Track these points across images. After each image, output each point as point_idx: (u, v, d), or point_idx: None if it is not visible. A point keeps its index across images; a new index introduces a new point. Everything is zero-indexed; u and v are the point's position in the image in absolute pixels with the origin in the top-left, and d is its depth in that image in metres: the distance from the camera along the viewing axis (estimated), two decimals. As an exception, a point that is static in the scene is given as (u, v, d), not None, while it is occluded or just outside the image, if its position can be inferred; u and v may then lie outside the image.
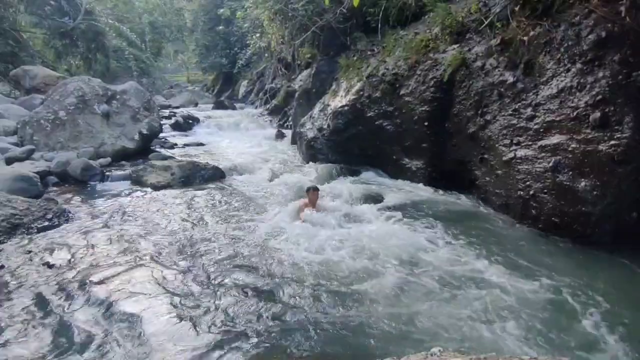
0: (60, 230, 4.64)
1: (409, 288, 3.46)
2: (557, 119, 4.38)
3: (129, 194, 6.18)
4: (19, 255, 3.99)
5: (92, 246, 4.27)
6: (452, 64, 5.71)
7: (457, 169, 5.99)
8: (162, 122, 10.24)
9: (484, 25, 5.46)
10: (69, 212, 5.14)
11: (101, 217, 5.12)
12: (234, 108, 16.20)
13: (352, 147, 7.53)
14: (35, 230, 4.55)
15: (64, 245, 4.28)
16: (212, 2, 20.96)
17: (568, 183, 4.25)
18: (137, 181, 6.64)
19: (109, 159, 7.67)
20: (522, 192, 4.74)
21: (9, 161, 6.78)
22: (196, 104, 18.40)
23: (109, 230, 4.68)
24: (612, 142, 3.93)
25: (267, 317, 3.08)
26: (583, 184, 4.13)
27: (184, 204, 5.74)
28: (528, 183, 4.66)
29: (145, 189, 6.39)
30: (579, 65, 4.20)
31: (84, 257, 4.00)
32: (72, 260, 3.93)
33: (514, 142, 4.86)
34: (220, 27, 20.06)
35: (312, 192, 5.20)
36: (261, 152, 9.43)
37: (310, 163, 7.92)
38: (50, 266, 3.77)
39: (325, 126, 7.84)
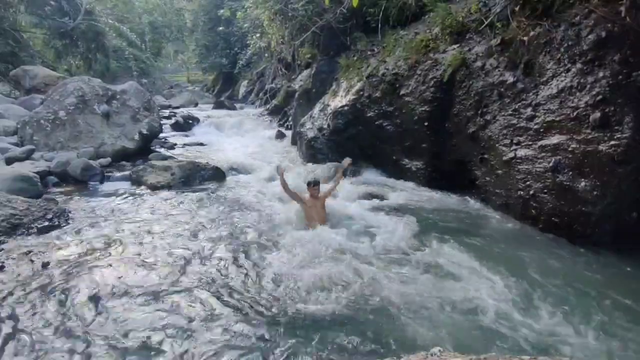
0: (60, 230, 4.64)
1: (407, 288, 3.46)
2: (557, 119, 4.38)
3: (129, 194, 6.18)
4: (19, 255, 3.99)
5: (92, 246, 4.26)
6: (452, 64, 5.71)
7: (457, 169, 5.99)
8: (162, 122, 10.24)
9: (484, 25, 5.46)
10: (69, 212, 5.14)
11: (101, 217, 5.12)
12: (234, 108, 16.20)
13: (352, 147, 7.53)
14: (35, 230, 4.55)
15: (64, 245, 4.28)
16: (212, 3, 20.98)
17: (568, 183, 4.25)
18: (137, 181, 6.64)
19: (109, 159, 7.67)
20: (522, 192, 4.74)
21: (9, 161, 6.77)
22: (196, 104, 18.42)
23: (109, 231, 4.68)
24: (612, 142, 3.93)
25: (265, 319, 3.07)
26: (583, 184, 4.13)
27: (184, 204, 5.73)
28: (528, 183, 4.66)
29: (145, 189, 6.38)
30: (579, 65, 4.20)
31: (84, 258, 3.99)
32: (72, 260, 3.93)
33: (514, 142, 4.86)
34: (221, 28, 20.06)
35: (312, 187, 5.05)
36: (261, 152, 9.43)
37: (310, 163, 7.91)
38: (49, 266, 3.77)
39: (325, 126, 7.84)
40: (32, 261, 3.86)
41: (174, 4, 27.93)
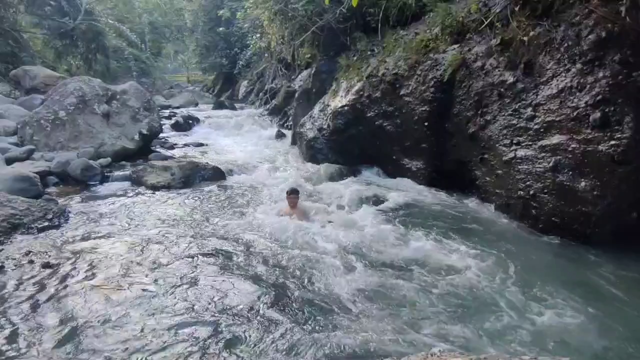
0: (60, 231, 4.64)
1: (406, 288, 3.46)
2: (557, 119, 4.38)
3: (129, 194, 6.18)
4: (19, 255, 3.99)
5: (92, 246, 4.26)
6: (452, 64, 5.70)
7: (457, 169, 5.99)
8: (162, 122, 10.24)
9: (484, 25, 5.45)
10: (69, 212, 5.14)
11: (101, 217, 5.12)
12: (234, 108, 16.18)
13: (352, 147, 7.53)
14: (35, 230, 4.55)
15: (64, 245, 4.28)
16: (212, 3, 20.95)
17: (568, 183, 4.25)
18: (137, 181, 6.64)
19: (109, 159, 7.66)
20: (522, 192, 4.74)
21: (9, 161, 6.77)
22: (196, 104, 18.39)
23: (109, 231, 4.68)
24: (612, 142, 3.93)
25: (263, 320, 3.07)
26: (583, 184, 4.13)
27: (183, 204, 5.73)
28: (528, 183, 4.66)
29: (145, 189, 6.38)
30: (579, 65, 4.20)
31: (84, 258, 3.99)
32: (72, 260, 3.93)
33: (514, 142, 4.86)
34: (221, 28, 20.04)
35: (289, 196, 5.10)
36: (261, 152, 9.43)
37: (310, 163, 7.91)
38: (49, 266, 3.77)
39: (325, 126, 7.84)
40: (32, 261, 3.86)
41: (174, 4, 27.92)
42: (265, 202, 5.77)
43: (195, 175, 6.82)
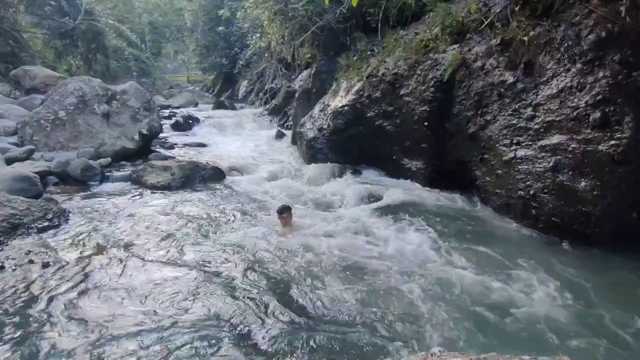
0: (60, 231, 4.64)
1: (405, 289, 3.46)
2: (557, 119, 4.38)
3: (129, 194, 6.18)
4: (19, 255, 3.99)
5: (92, 247, 4.27)
6: (452, 64, 5.70)
7: (457, 169, 5.99)
8: (162, 122, 10.23)
9: (484, 25, 5.45)
10: (69, 212, 5.14)
11: (101, 217, 5.12)
12: (234, 108, 16.19)
13: (352, 147, 7.53)
14: (35, 230, 4.55)
15: (64, 245, 4.28)
16: (212, 3, 20.96)
17: (568, 183, 4.25)
18: (137, 181, 6.64)
19: (109, 159, 7.67)
20: (522, 192, 4.74)
21: (9, 161, 6.76)
22: (196, 104, 18.39)
23: (109, 231, 4.68)
24: (612, 142, 3.93)
25: (262, 320, 3.07)
26: (583, 184, 4.13)
27: (183, 204, 5.73)
28: (528, 183, 4.66)
29: (145, 189, 6.38)
30: (579, 65, 4.20)
31: (84, 258, 4.00)
32: (72, 260, 3.93)
33: (514, 142, 4.86)
34: (221, 28, 20.05)
35: (280, 215, 4.76)
36: (261, 152, 9.44)
37: (310, 163, 7.91)
38: (50, 266, 3.77)
39: (325, 126, 7.84)
40: (32, 261, 3.86)
41: (174, 4, 27.95)
42: (263, 206, 5.72)
43: (195, 176, 6.82)
